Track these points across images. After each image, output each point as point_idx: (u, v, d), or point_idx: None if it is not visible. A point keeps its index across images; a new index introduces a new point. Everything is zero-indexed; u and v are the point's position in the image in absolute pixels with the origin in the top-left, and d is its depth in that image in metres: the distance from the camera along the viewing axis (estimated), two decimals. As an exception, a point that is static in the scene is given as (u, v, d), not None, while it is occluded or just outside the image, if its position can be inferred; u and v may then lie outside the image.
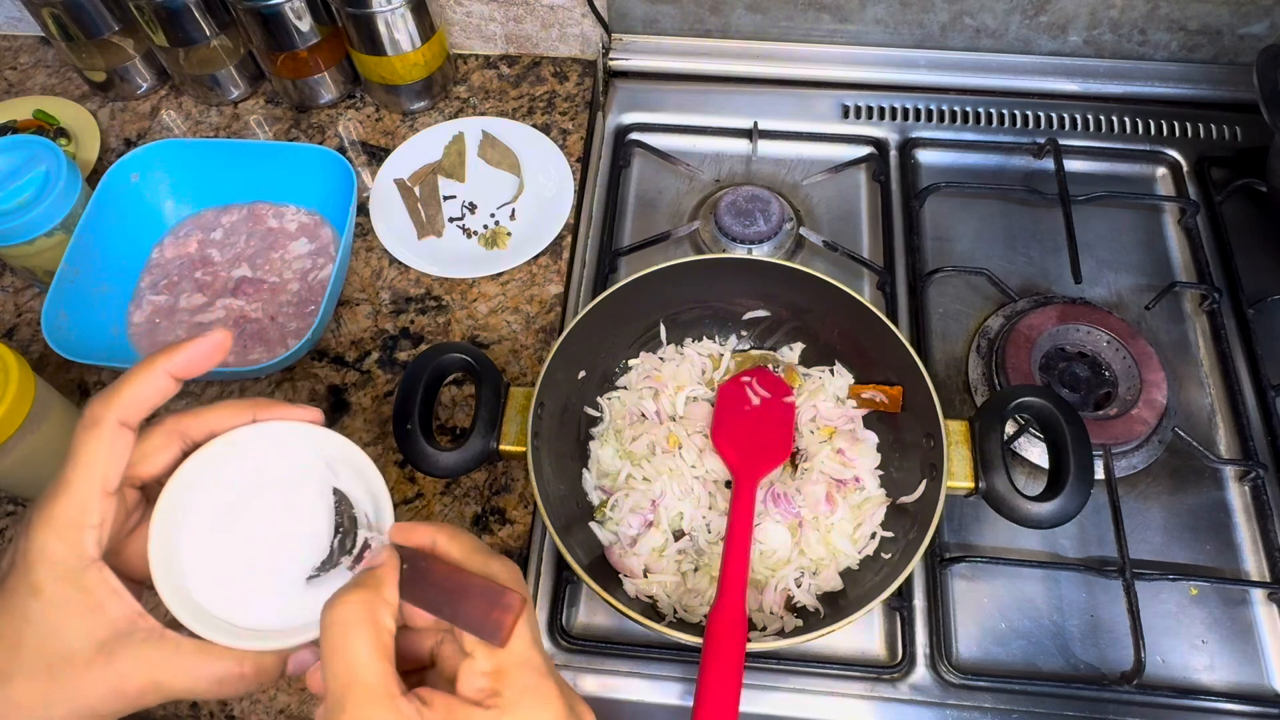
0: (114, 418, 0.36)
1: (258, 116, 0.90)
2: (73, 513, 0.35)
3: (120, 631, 0.35)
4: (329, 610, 0.34)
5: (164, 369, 0.37)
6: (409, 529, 0.38)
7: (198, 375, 0.38)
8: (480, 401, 0.60)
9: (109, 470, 0.36)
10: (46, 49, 0.96)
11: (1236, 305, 0.78)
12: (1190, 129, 0.89)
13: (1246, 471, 0.70)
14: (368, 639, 0.33)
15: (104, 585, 0.35)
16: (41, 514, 0.35)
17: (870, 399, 0.66)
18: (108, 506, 0.36)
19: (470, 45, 0.94)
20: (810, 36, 0.93)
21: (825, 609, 0.60)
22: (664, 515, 0.62)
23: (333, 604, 0.34)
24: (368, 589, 0.35)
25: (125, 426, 0.36)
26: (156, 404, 0.37)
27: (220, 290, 0.77)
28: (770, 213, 0.81)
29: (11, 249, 0.71)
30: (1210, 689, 0.63)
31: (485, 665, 0.35)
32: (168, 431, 0.38)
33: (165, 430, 0.38)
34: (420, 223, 0.82)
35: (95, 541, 0.35)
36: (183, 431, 0.39)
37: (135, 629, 0.36)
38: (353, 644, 0.33)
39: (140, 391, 0.37)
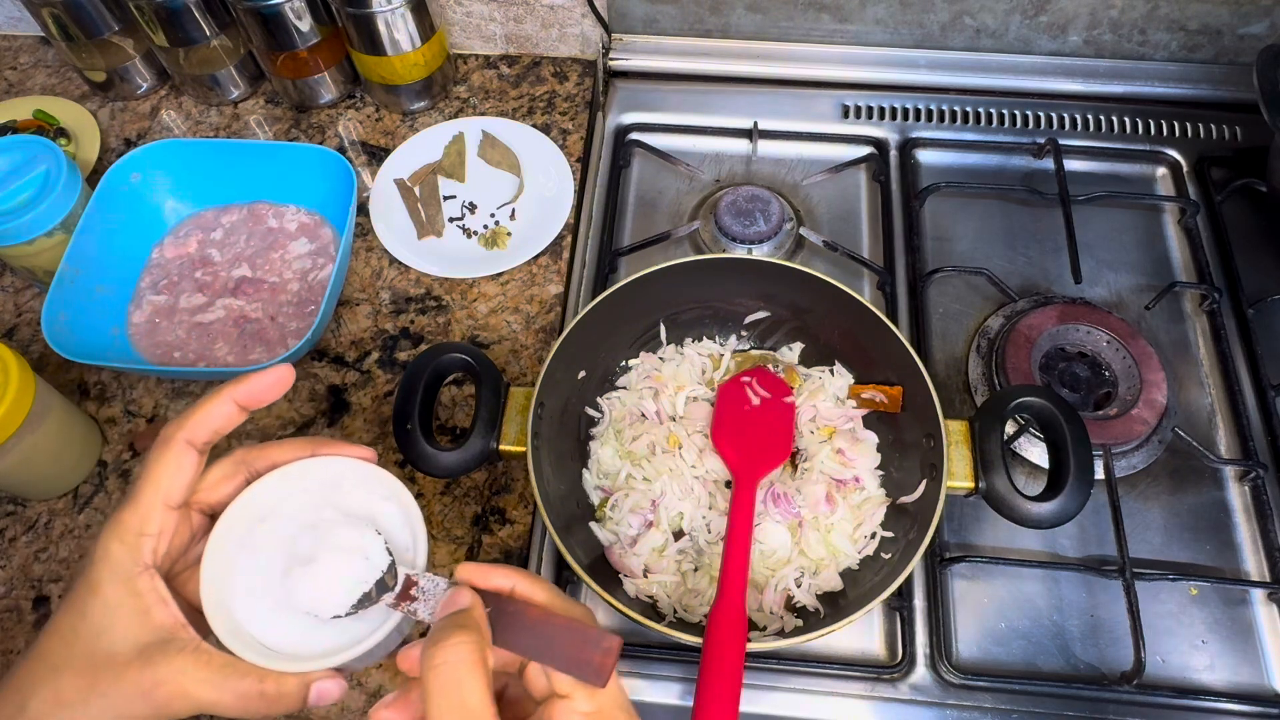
0: (182, 437, 0.39)
1: (258, 116, 0.90)
2: (136, 520, 0.38)
3: (161, 638, 0.37)
4: (436, 649, 0.34)
5: (230, 397, 0.41)
6: (487, 571, 0.39)
7: (262, 406, 0.42)
8: (480, 401, 0.60)
9: (173, 485, 0.39)
10: (46, 49, 0.96)
11: (1236, 305, 0.78)
12: (1190, 129, 0.89)
13: (1246, 471, 0.70)
14: (478, 681, 0.34)
15: (153, 592, 0.37)
16: (111, 520, 0.38)
17: (870, 399, 0.66)
18: (168, 519, 0.39)
19: (470, 45, 0.94)
20: (810, 36, 0.93)
21: (825, 609, 0.60)
22: (664, 515, 0.62)
23: (439, 643, 0.35)
24: (471, 630, 0.35)
25: (191, 446, 0.39)
26: (222, 429, 0.41)
27: (220, 290, 0.77)
28: (770, 213, 0.81)
29: (11, 249, 0.71)
30: (1210, 689, 0.63)
31: (586, 706, 0.36)
32: (234, 462, 0.41)
33: (232, 461, 0.41)
34: (420, 223, 0.82)
35: (151, 550, 0.38)
36: (248, 463, 0.42)
37: (175, 637, 0.37)
38: (465, 686, 0.34)
39: (207, 416, 0.40)
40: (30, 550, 0.66)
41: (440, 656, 0.34)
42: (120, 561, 0.37)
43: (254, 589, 0.39)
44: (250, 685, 0.37)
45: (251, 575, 0.40)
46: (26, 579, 0.65)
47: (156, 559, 0.38)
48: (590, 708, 0.36)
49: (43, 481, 0.66)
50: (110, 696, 0.36)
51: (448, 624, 0.36)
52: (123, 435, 0.71)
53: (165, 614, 0.38)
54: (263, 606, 0.39)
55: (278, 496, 0.41)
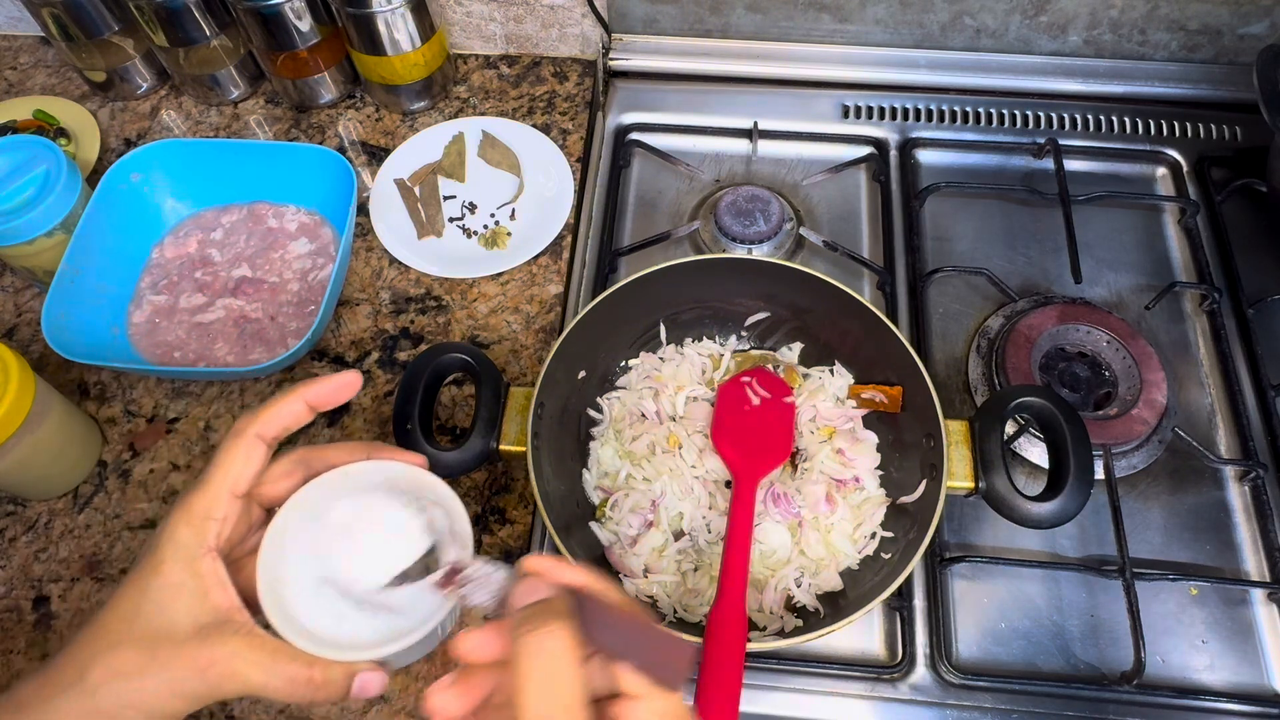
0: (253, 431, 0.41)
1: (258, 116, 0.90)
2: (204, 504, 0.40)
3: (218, 619, 0.39)
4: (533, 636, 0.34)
5: (302, 397, 0.43)
6: (557, 567, 0.38)
7: (330, 407, 0.44)
8: (480, 401, 0.60)
9: (241, 474, 0.41)
10: (46, 49, 0.96)
11: (1236, 305, 0.78)
12: (1190, 129, 0.89)
13: (1246, 471, 0.70)
14: (575, 673, 0.33)
15: (214, 574, 0.39)
16: (179, 503, 0.40)
17: (870, 399, 0.66)
18: (233, 506, 0.41)
19: (470, 45, 0.94)
20: (810, 36, 0.93)
21: (825, 609, 0.60)
22: (664, 515, 0.62)
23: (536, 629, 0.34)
24: (566, 620, 0.34)
25: (261, 440, 0.41)
26: (291, 426, 0.43)
27: (220, 290, 0.77)
28: (770, 213, 0.81)
29: (11, 249, 0.71)
30: (1210, 689, 0.63)
31: (660, 706, 0.35)
32: (294, 460, 0.43)
33: (292, 459, 0.43)
34: (420, 223, 0.82)
35: (216, 534, 0.40)
36: (307, 462, 0.43)
37: (230, 620, 0.39)
38: (563, 676, 0.33)
39: (279, 413, 0.42)
40: (30, 550, 0.66)
41: (539, 644, 0.33)
42: (185, 543, 0.39)
43: (305, 580, 0.41)
44: (298, 670, 0.38)
45: (303, 566, 0.41)
46: (26, 579, 0.65)
47: (219, 543, 0.40)
48: (661, 708, 0.35)
49: (43, 481, 0.66)
50: (168, 670, 0.37)
51: (540, 611, 0.35)
52: (123, 435, 0.71)
53: (223, 596, 0.39)
54: (313, 597, 0.40)
55: (334, 495, 0.43)
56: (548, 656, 0.33)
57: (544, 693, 0.33)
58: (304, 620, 0.40)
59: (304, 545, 0.41)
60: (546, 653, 0.33)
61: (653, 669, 0.35)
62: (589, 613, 0.36)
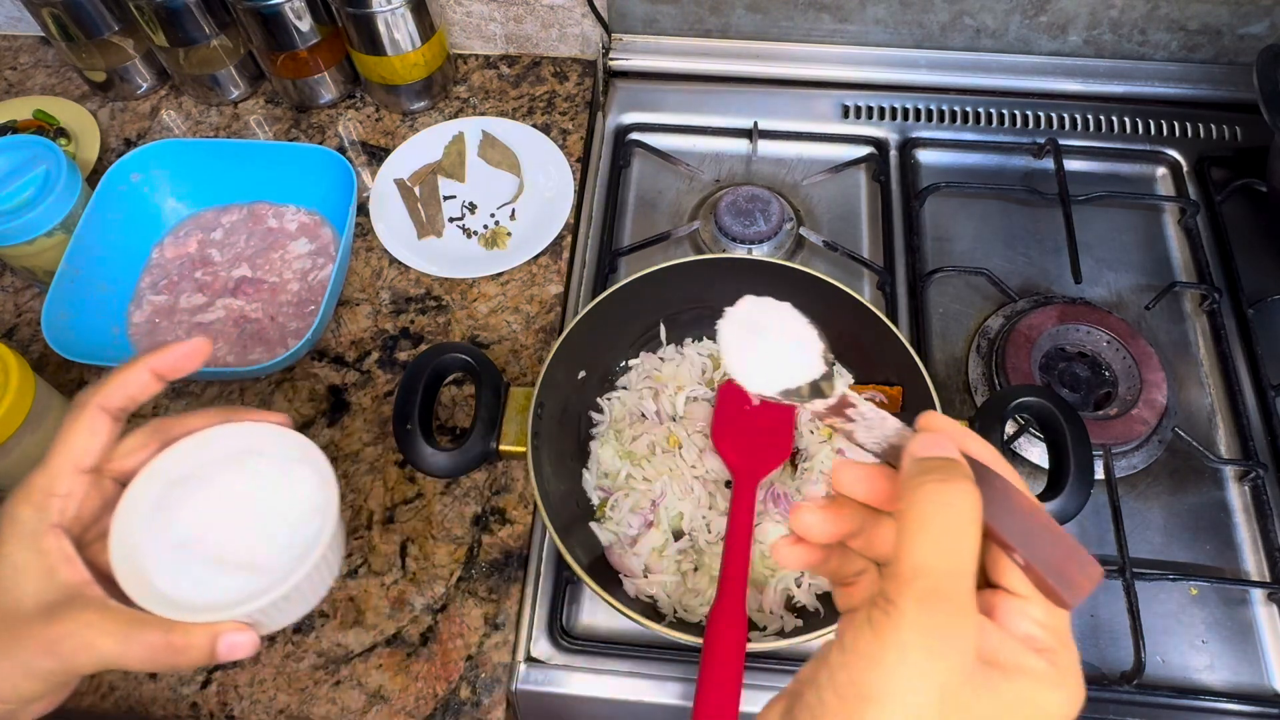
0: (95, 402, 0.40)
1: (258, 116, 0.90)
2: (44, 481, 0.39)
3: (67, 595, 0.38)
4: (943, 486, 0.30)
5: (147, 365, 0.41)
6: (967, 432, 0.33)
7: (178, 376, 0.42)
8: (480, 401, 0.60)
9: (84, 447, 0.39)
10: (46, 49, 0.96)
11: (1236, 305, 0.78)
12: (1190, 129, 0.89)
13: (1246, 471, 0.70)
14: (975, 539, 0.29)
15: (59, 551, 0.38)
16: (21, 484, 0.39)
17: (870, 399, 0.66)
18: (78, 482, 0.39)
19: (470, 45, 0.94)
20: (810, 36, 0.93)
21: (825, 609, 0.60)
22: (664, 515, 0.62)
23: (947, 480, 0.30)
24: (973, 484, 0.30)
25: (104, 411, 0.40)
26: (137, 396, 0.41)
27: (220, 290, 0.77)
28: (770, 213, 0.81)
29: (11, 249, 0.71)
30: (1210, 689, 0.63)
31: (1042, 616, 0.31)
32: (149, 431, 0.42)
33: (147, 430, 0.42)
34: (420, 223, 0.82)
35: (59, 510, 0.39)
36: (163, 431, 0.42)
37: (80, 594, 0.38)
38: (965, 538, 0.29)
39: (123, 383, 0.41)
40: (30, 550, 0.66)
41: (944, 496, 0.29)
42: (26, 522, 0.38)
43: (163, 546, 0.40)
44: (156, 636, 0.37)
45: (161, 533, 0.40)
46: (26, 579, 0.65)
47: (64, 519, 0.39)
48: (1049, 620, 0.31)
49: (43, 481, 0.66)
50: (13, 652, 0.37)
51: (946, 465, 0.31)
52: (123, 435, 0.71)
53: (71, 571, 0.38)
54: (172, 563, 0.39)
55: (194, 461, 0.42)
56: (952, 511, 0.29)
57: (939, 546, 0.29)
58: (162, 586, 0.39)
59: (161, 512, 0.41)
60: (951, 507, 0.29)
61: (1055, 575, 0.30)
62: (994, 491, 0.31)
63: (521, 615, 0.64)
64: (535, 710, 0.63)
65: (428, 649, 0.62)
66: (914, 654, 0.27)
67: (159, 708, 0.60)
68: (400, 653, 0.62)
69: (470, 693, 0.60)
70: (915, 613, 0.27)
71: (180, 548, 0.40)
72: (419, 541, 0.66)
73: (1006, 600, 0.31)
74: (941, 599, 0.28)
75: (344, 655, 0.61)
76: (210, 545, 0.40)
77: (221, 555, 0.40)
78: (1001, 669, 0.30)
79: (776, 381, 0.37)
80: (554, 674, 0.63)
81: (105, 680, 0.61)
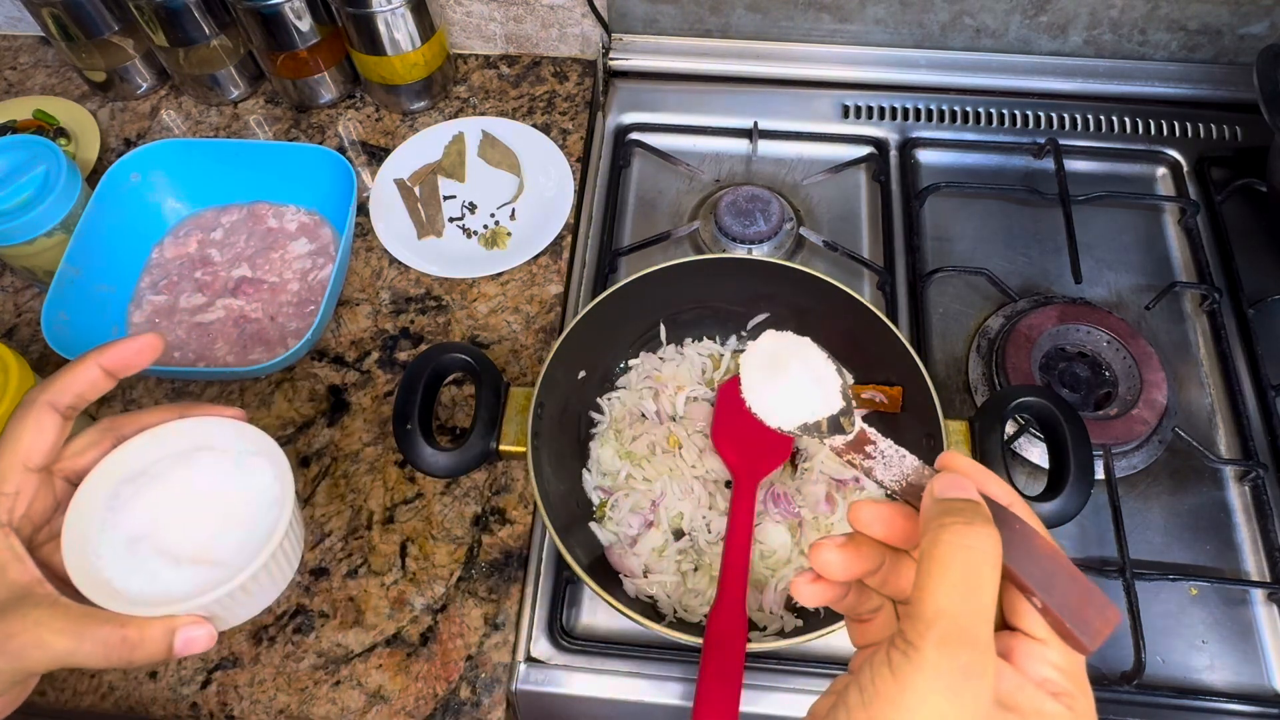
0: (44, 400, 0.39)
1: (258, 116, 0.90)
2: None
3: (16, 594, 0.37)
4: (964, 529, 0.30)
5: (96, 362, 0.41)
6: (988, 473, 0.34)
7: (130, 373, 0.42)
8: (480, 401, 0.60)
9: (33, 446, 0.39)
10: (46, 49, 0.96)
11: (1236, 305, 0.78)
12: (1190, 129, 0.89)
13: (1246, 471, 0.70)
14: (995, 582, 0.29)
15: (8, 550, 0.38)
16: None
17: (870, 399, 0.66)
18: (27, 480, 0.39)
19: (470, 45, 0.94)
20: (810, 36, 0.93)
21: (825, 609, 0.59)
22: (664, 515, 0.62)
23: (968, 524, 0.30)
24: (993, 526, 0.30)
25: (53, 409, 0.39)
26: (86, 393, 0.41)
27: (220, 290, 0.77)
28: (770, 213, 0.81)
29: (11, 249, 0.71)
30: (1210, 689, 0.63)
31: (1060, 660, 0.31)
32: (102, 429, 0.41)
33: (100, 428, 0.41)
34: (420, 223, 0.82)
35: (7, 509, 0.38)
36: (115, 429, 0.42)
37: (31, 594, 0.37)
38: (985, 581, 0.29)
39: (72, 380, 0.40)
40: (30, 550, 0.66)
41: (965, 539, 0.30)
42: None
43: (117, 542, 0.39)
44: (110, 632, 0.37)
45: (115, 529, 0.40)
46: (26, 579, 0.65)
47: (13, 519, 0.38)
48: (1065, 664, 0.31)
49: (43, 481, 0.66)
50: None
51: (967, 508, 0.31)
52: (123, 435, 0.71)
53: (20, 571, 0.37)
54: (126, 558, 0.39)
55: (148, 457, 0.41)
56: (973, 555, 0.29)
57: (959, 590, 0.29)
58: (116, 583, 0.39)
59: (114, 509, 0.40)
60: (972, 550, 0.29)
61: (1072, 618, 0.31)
62: (1012, 534, 0.32)
63: (521, 615, 0.64)
64: (535, 710, 0.63)
65: (428, 649, 0.62)
66: (934, 698, 0.27)
67: (159, 708, 0.60)
68: (400, 653, 0.62)
69: (470, 693, 0.60)
70: (936, 656, 0.28)
71: (134, 543, 0.39)
72: (419, 541, 0.66)
73: (1025, 643, 0.32)
74: (962, 643, 0.28)
75: (344, 655, 0.61)
76: (165, 540, 0.40)
77: (176, 550, 0.40)
78: (1019, 713, 0.30)
79: (796, 416, 0.38)
80: (554, 674, 0.63)
81: (105, 680, 0.61)
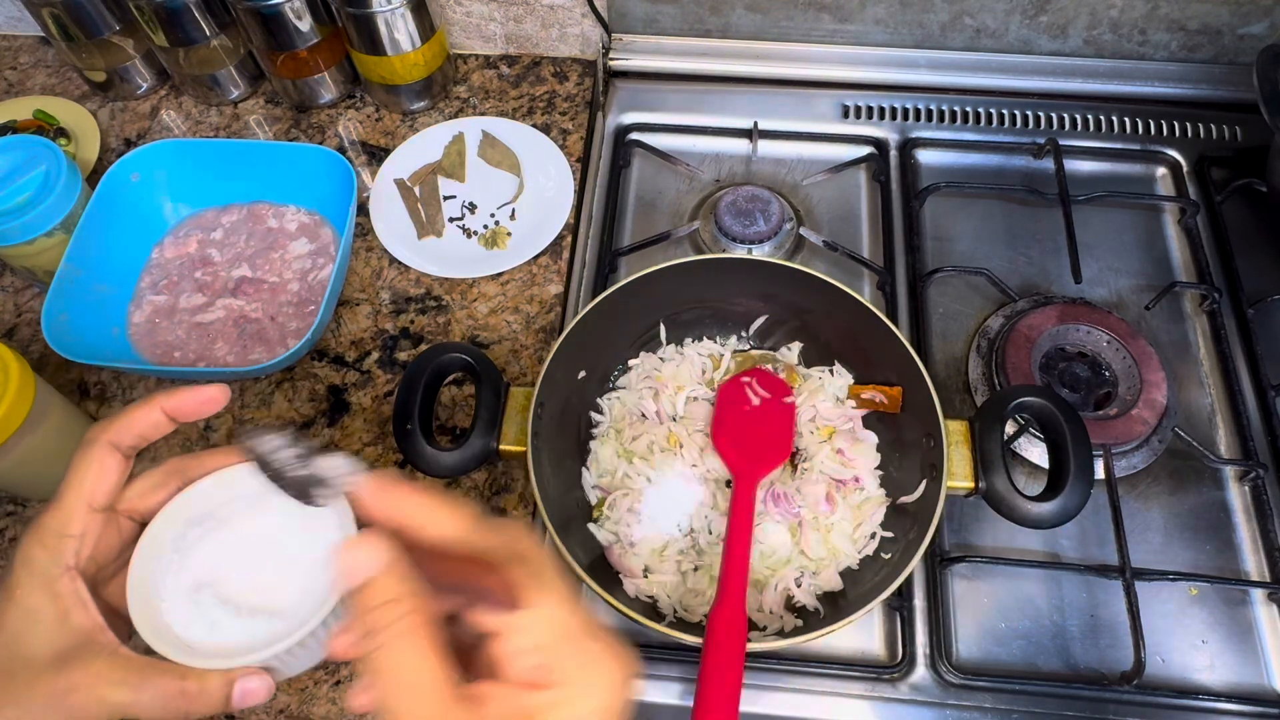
0: (106, 439, 0.39)
1: (258, 116, 0.90)
2: (57, 522, 0.37)
3: (79, 642, 0.36)
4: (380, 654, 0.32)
5: (160, 405, 0.40)
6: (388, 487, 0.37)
7: (190, 420, 0.41)
8: (480, 401, 0.60)
9: (96, 486, 0.38)
10: (46, 49, 0.96)
11: (1236, 305, 0.78)
12: (1190, 129, 0.89)
13: (1246, 471, 0.70)
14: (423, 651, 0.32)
15: (74, 595, 0.37)
16: (33, 525, 0.38)
17: (870, 399, 0.66)
18: (92, 521, 0.38)
19: (470, 45, 0.94)
20: (810, 36, 0.93)
21: (825, 609, 0.60)
22: (664, 515, 0.62)
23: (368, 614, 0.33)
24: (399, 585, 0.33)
25: (116, 448, 0.39)
26: (148, 434, 0.40)
27: (220, 290, 0.77)
28: (770, 213, 0.81)
29: (11, 249, 0.71)
30: (1210, 689, 0.63)
31: (525, 642, 0.33)
32: (167, 471, 0.40)
33: (165, 470, 0.40)
34: (420, 223, 0.82)
35: (74, 551, 0.37)
36: (182, 471, 0.41)
37: (92, 641, 0.36)
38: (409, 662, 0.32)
39: (134, 420, 0.40)
40: (30, 550, 0.66)
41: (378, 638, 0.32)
42: (40, 565, 0.37)
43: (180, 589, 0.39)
44: (169, 683, 0.36)
45: (178, 575, 0.39)
46: (26, 579, 0.65)
47: (79, 561, 0.37)
48: (528, 642, 0.33)
49: (43, 481, 0.66)
50: (22, 705, 0.35)
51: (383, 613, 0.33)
52: (123, 435, 0.71)
53: (84, 617, 0.37)
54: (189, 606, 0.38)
55: (215, 500, 0.40)
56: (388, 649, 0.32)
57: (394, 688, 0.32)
58: (177, 630, 0.38)
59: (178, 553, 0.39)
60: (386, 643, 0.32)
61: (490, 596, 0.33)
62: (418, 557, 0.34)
63: (521, 615, 0.64)
64: (535, 710, 0.63)
65: (428, 649, 0.62)
66: None
67: (159, 708, 0.60)
68: (400, 653, 0.61)
69: (470, 693, 0.60)
70: None
71: (197, 590, 0.39)
72: (419, 541, 0.66)
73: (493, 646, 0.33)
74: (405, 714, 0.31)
75: (344, 655, 0.61)
76: (227, 588, 0.39)
77: (238, 598, 0.39)
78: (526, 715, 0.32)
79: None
80: (554, 674, 0.63)
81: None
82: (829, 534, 0.62)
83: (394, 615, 0.32)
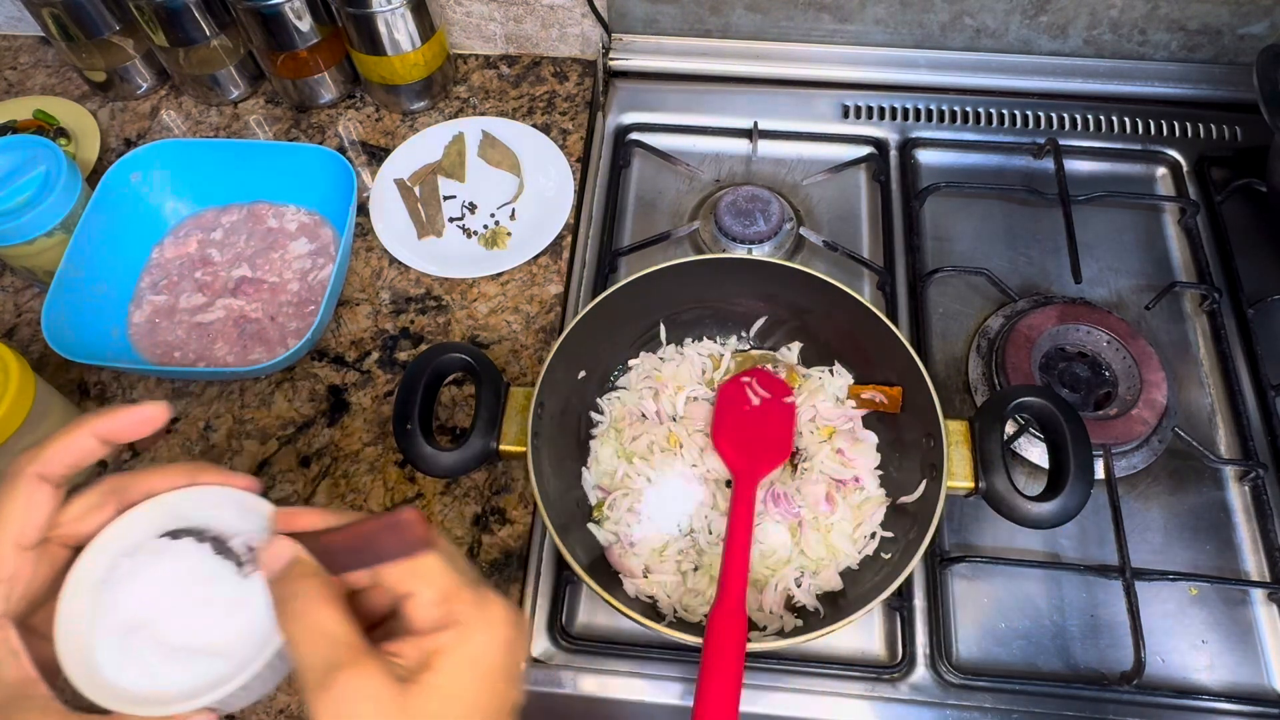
0: (32, 471, 0.35)
1: (258, 116, 0.90)
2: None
3: (11, 696, 0.34)
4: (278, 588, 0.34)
5: (90, 430, 0.37)
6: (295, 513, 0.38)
7: (128, 441, 0.38)
8: (480, 401, 0.60)
9: (25, 524, 0.35)
10: (46, 49, 0.96)
11: (1236, 305, 0.78)
12: (1190, 129, 0.89)
13: (1246, 471, 0.70)
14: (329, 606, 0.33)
15: (4, 646, 0.34)
16: None
17: (870, 399, 0.66)
18: (22, 561, 0.35)
19: (470, 45, 0.94)
20: (810, 36, 0.93)
21: (825, 609, 0.60)
22: (664, 515, 0.62)
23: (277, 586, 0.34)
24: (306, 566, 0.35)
25: (44, 480, 0.36)
26: (79, 462, 0.37)
27: (220, 290, 0.77)
28: (770, 213, 0.81)
29: (11, 249, 0.71)
30: (1210, 689, 0.63)
31: (429, 594, 0.35)
32: (103, 491, 0.37)
33: (101, 490, 0.37)
34: (420, 223, 0.82)
35: (3, 597, 0.34)
36: (119, 491, 0.38)
37: (24, 694, 0.34)
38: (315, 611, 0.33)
39: (63, 449, 0.36)
40: (30, 550, 0.66)
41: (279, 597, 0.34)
42: None
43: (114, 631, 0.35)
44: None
45: (111, 616, 0.35)
46: (26, 579, 0.65)
47: (10, 607, 0.34)
48: (434, 593, 0.35)
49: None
50: None
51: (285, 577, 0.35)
52: (123, 435, 0.71)
53: (15, 669, 0.34)
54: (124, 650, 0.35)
55: (149, 529, 0.37)
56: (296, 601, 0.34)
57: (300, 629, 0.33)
58: (111, 676, 0.35)
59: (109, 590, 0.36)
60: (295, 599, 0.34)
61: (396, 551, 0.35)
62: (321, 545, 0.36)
63: (521, 615, 0.64)
64: (535, 710, 0.63)
65: (428, 649, 0.62)
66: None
67: (159, 708, 0.60)
68: (400, 653, 0.61)
69: (470, 693, 0.60)
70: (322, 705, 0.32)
71: (131, 631, 0.36)
72: (419, 541, 0.66)
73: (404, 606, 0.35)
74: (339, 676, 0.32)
75: (344, 655, 0.61)
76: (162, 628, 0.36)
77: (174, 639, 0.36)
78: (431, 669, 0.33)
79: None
80: (554, 674, 0.63)
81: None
82: (829, 534, 0.62)
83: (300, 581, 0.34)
